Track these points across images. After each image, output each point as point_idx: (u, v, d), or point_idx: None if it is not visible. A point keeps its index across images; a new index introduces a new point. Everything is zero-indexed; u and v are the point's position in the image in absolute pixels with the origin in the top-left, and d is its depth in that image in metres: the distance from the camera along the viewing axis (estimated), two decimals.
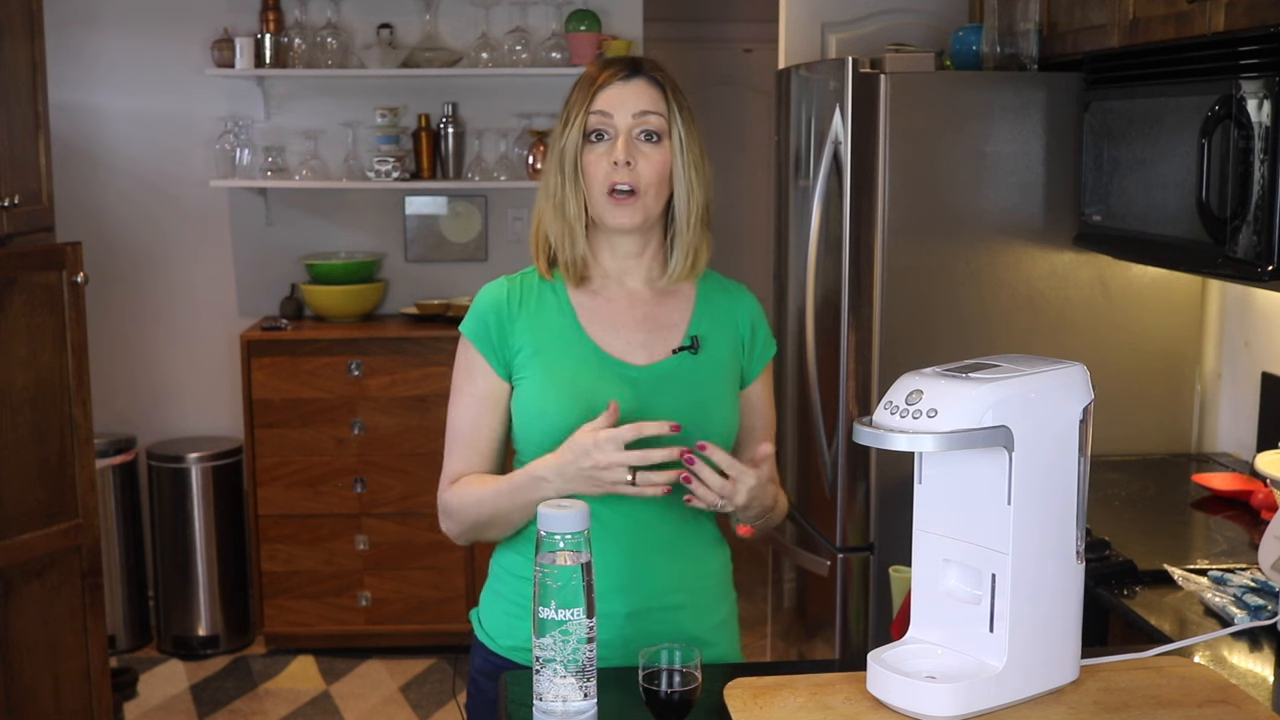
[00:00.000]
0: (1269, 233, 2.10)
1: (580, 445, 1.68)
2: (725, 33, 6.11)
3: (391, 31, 4.48)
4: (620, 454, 1.66)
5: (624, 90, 1.81)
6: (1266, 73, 2.10)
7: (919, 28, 3.74)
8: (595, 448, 1.66)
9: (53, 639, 3.10)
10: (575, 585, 1.46)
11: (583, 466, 1.67)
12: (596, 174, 1.81)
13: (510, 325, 1.84)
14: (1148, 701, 1.53)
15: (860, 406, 2.91)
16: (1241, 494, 2.55)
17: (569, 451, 1.69)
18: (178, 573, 4.42)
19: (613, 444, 1.66)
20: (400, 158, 4.45)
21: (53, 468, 3.07)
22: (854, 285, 2.89)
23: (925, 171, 2.85)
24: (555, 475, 1.71)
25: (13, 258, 2.98)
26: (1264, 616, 1.91)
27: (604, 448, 1.66)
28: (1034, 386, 1.48)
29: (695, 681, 1.50)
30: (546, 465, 1.73)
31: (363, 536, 4.35)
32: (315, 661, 4.36)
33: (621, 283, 1.88)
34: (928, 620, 1.59)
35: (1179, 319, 2.99)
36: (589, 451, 1.67)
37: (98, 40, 4.53)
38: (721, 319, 1.91)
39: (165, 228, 4.65)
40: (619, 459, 1.66)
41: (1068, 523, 1.53)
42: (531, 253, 1.89)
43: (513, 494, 1.77)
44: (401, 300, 4.72)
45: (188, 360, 4.71)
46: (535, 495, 1.72)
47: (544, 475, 1.72)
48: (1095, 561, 2.10)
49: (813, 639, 3.24)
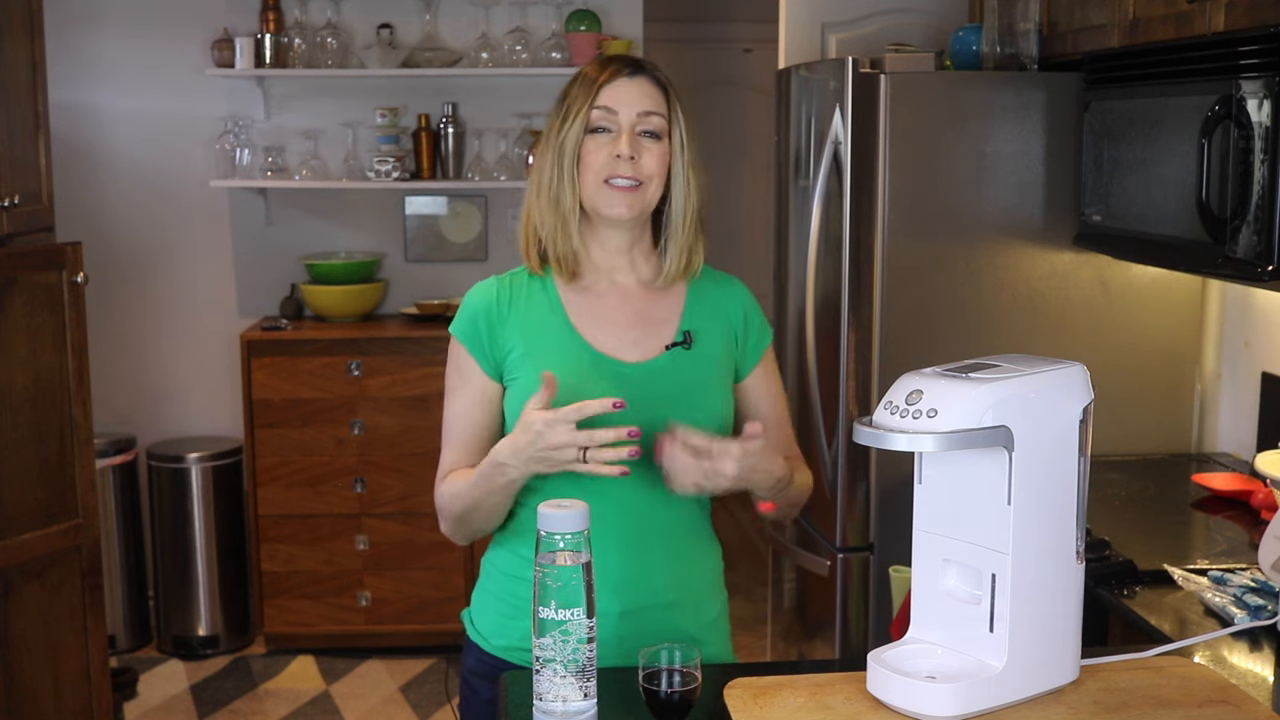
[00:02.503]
0: (1269, 233, 2.10)
1: (530, 427, 1.68)
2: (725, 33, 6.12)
3: (391, 31, 4.48)
4: (570, 434, 1.66)
5: (629, 87, 1.81)
6: (1266, 73, 2.10)
7: (919, 28, 3.74)
8: (546, 428, 1.66)
9: (53, 639, 3.10)
10: (575, 585, 1.46)
11: (537, 448, 1.68)
12: (594, 163, 1.80)
13: (500, 326, 1.84)
14: (1148, 701, 1.53)
15: (860, 406, 2.91)
16: (1241, 494, 2.55)
17: (523, 434, 1.69)
18: (178, 573, 4.42)
19: (563, 425, 1.66)
20: (400, 158, 4.45)
21: (53, 468, 3.07)
22: (854, 285, 2.89)
23: (925, 171, 2.85)
24: (513, 458, 1.71)
25: (13, 258, 2.98)
26: (1264, 616, 1.91)
27: (555, 428, 1.66)
28: (1034, 386, 1.48)
29: (695, 681, 1.50)
30: (504, 449, 1.73)
31: (363, 536, 4.35)
32: (315, 661, 4.36)
33: (612, 279, 1.88)
34: (928, 620, 1.59)
35: (1179, 319, 2.99)
36: (541, 434, 1.67)
37: (98, 40, 4.53)
38: (713, 312, 1.90)
39: (165, 228, 4.65)
40: (569, 439, 1.66)
41: (1068, 523, 1.53)
42: (521, 248, 1.89)
43: (481, 482, 1.78)
44: (401, 300, 4.72)
45: (188, 360, 4.71)
46: (501, 480, 1.74)
47: (504, 460, 1.72)
48: (1095, 561, 2.10)
49: (813, 639, 3.24)
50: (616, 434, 1.67)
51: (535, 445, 1.68)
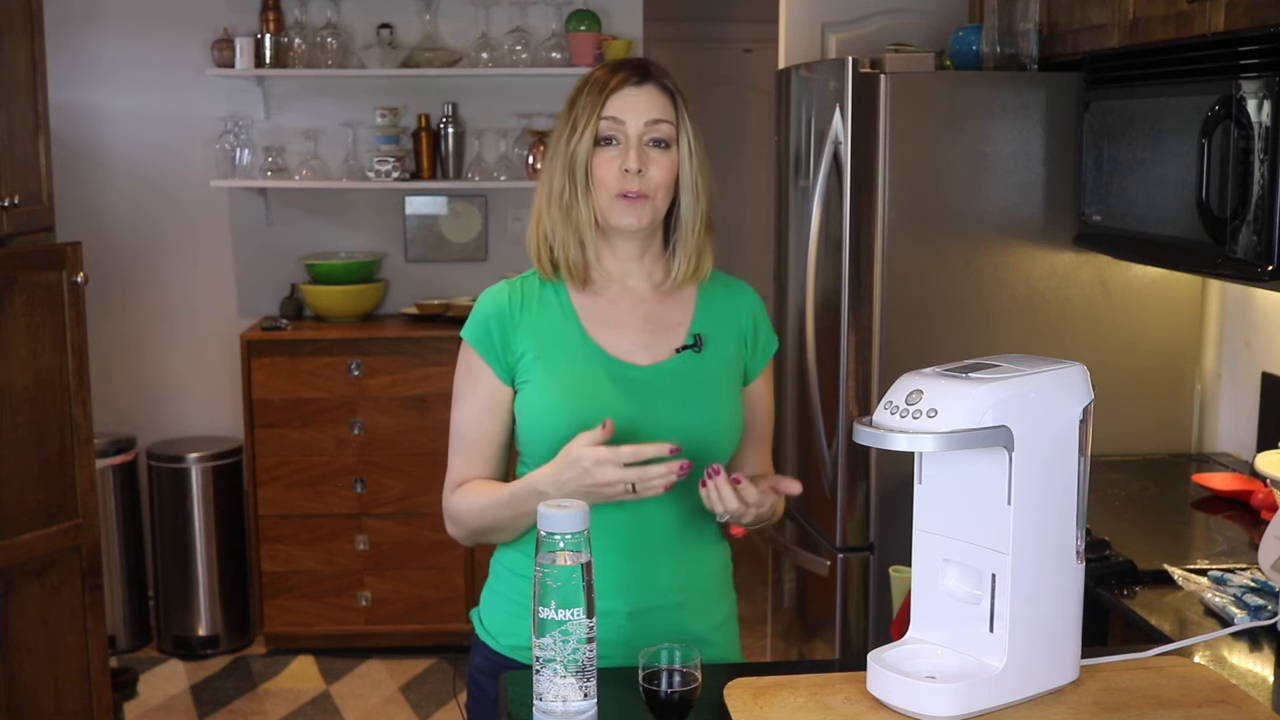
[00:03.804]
0: (1269, 233, 2.10)
1: (578, 464, 1.68)
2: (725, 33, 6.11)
3: (391, 31, 4.48)
4: (619, 473, 1.66)
5: (636, 96, 1.81)
6: (1266, 73, 2.10)
7: (919, 28, 3.74)
8: (595, 466, 1.66)
9: (53, 639, 3.10)
10: (575, 585, 1.46)
11: (584, 484, 1.68)
12: (605, 177, 1.80)
13: (513, 330, 1.84)
14: (1148, 701, 1.53)
15: (860, 406, 2.91)
16: (1241, 494, 2.55)
17: (567, 469, 1.69)
18: (178, 573, 4.42)
19: (611, 465, 1.66)
20: (400, 158, 4.45)
21: (53, 468, 3.07)
22: (854, 285, 2.89)
23: (925, 171, 2.85)
24: (553, 488, 1.71)
25: (13, 258, 2.98)
26: (1264, 616, 1.91)
27: (604, 469, 1.66)
28: (1034, 386, 1.48)
29: (695, 681, 1.50)
30: (544, 478, 1.72)
31: (363, 536, 4.35)
32: (315, 661, 4.36)
33: (623, 284, 1.88)
34: (928, 620, 1.59)
35: (1179, 319, 2.99)
36: (589, 470, 1.67)
37: (98, 40, 4.53)
38: (724, 316, 1.91)
39: (165, 228, 4.65)
40: (618, 476, 1.66)
41: (1068, 523, 1.53)
42: (531, 255, 1.89)
43: (512, 504, 1.78)
44: (401, 300, 4.72)
45: (188, 360, 4.71)
46: (536, 506, 1.72)
47: (543, 489, 1.72)
48: (1095, 561, 2.10)
49: (813, 639, 3.24)
50: (669, 469, 1.67)
51: (582, 481, 1.68)
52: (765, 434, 1.97)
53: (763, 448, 1.97)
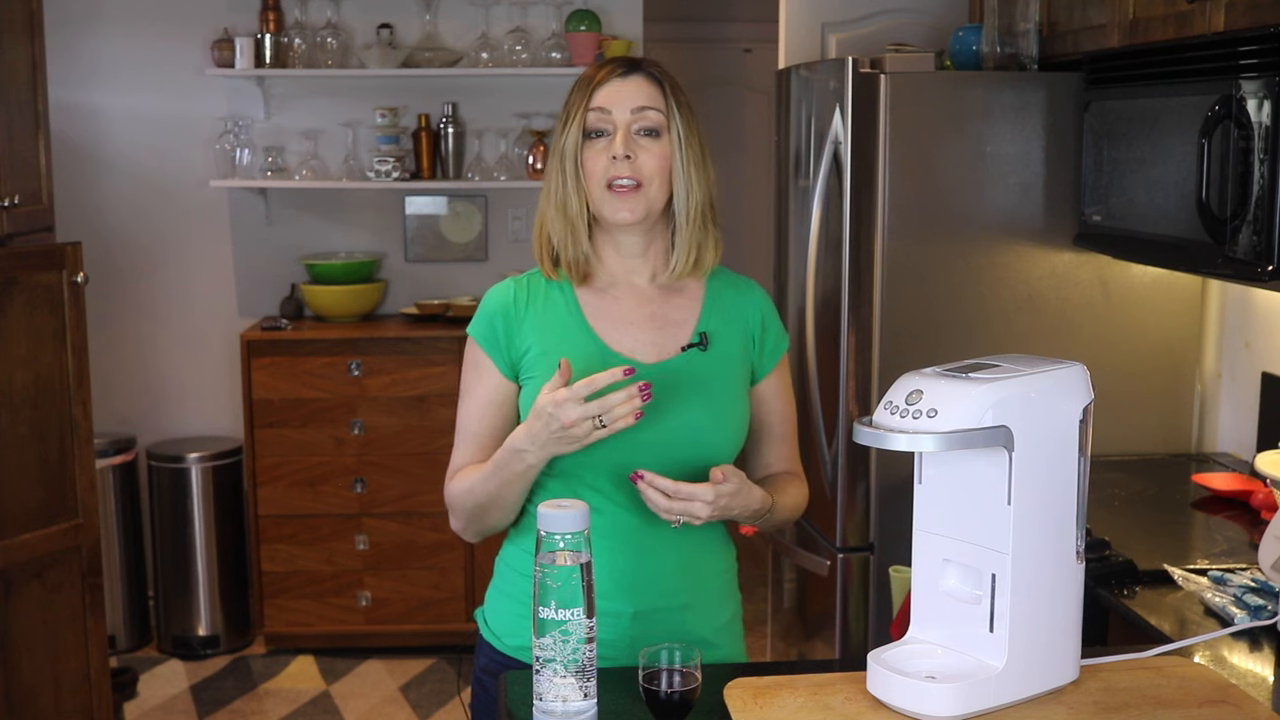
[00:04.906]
0: (1269, 233, 2.10)
1: (542, 412, 1.68)
2: (725, 33, 6.11)
3: (391, 31, 4.48)
4: (581, 408, 1.66)
5: (622, 87, 1.82)
6: (1266, 73, 2.10)
7: (919, 28, 3.74)
8: (557, 409, 1.66)
9: (53, 639, 3.10)
10: (575, 585, 1.46)
11: (552, 430, 1.68)
12: (595, 169, 1.81)
13: (518, 326, 1.84)
14: (1148, 701, 1.53)
15: (860, 406, 2.91)
16: (1241, 494, 2.55)
17: (536, 419, 1.70)
18: (178, 573, 4.42)
19: (572, 403, 1.66)
20: (400, 158, 4.45)
21: (53, 468, 3.07)
22: (854, 285, 2.89)
23: (925, 171, 2.85)
24: (530, 444, 1.71)
25: (13, 258, 2.98)
26: (1264, 616, 1.91)
27: (565, 409, 1.66)
28: (1034, 386, 1.48)
29: (695, 682, 1.50)
30: (520, 436, 1.73)
31: (363, 536, 4.35)
32: (315, 661, 4.36)
33: (628, 281, 1.88)
34: (928, 620, 1.59)
35: (1179, 319, 2.99)
36: (554, 415, 1.67)
37: (98, 40, 4.53)
38: (731, 315, 1.91)
39: (165, 228, 4.65)
40: (580, 413, 1.66)
41: (1068, 523, 1.53)
42: (535, 254, 1.89)
43: (497, 471, 1.78)
44: (401, 300, 4.72)
45: (188, 360, 4.71)
46: (519, 466, 1.74)
47: (521, 446, 1.73)
48: (1095, 561, 2.10)
49: (813, 639, 3.24)
50: (628, 394, 1.67)
51: (550, 427, 1.68)
52: (784, 432, 1.96)
53: (783, 446, 1.96)
